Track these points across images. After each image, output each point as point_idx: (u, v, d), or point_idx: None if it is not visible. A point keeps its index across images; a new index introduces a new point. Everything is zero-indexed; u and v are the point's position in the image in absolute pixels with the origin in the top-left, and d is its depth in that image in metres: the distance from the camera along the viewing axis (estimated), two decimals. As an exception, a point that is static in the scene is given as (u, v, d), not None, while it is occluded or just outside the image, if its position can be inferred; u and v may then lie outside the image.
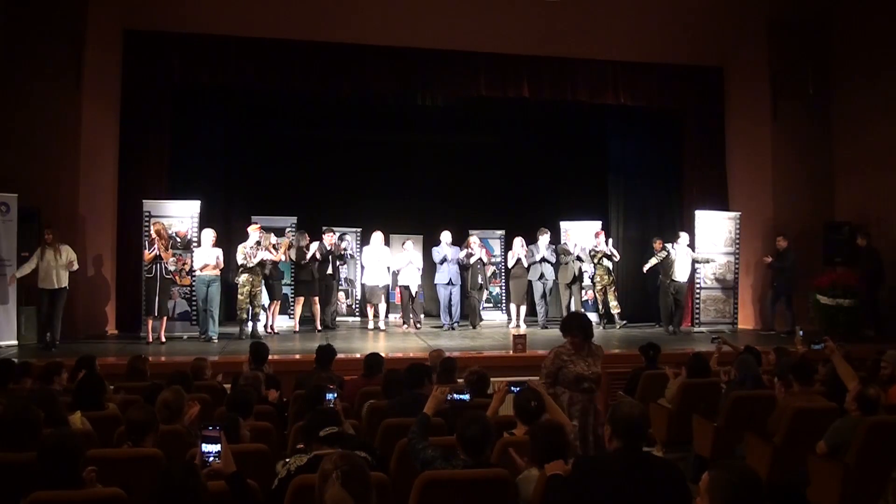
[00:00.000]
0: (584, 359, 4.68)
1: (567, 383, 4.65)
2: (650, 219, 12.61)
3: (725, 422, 5.34)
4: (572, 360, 4.67)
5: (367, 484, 2.36)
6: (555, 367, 4.70)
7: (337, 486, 2.31)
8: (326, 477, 2.35)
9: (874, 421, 4.27)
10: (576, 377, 4.63)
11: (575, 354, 4.70)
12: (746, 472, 2.40)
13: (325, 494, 2.33)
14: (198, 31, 10.48)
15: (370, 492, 2.36)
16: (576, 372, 4.64)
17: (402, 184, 12.52)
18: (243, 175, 12.20)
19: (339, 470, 2.34)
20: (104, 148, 10.13)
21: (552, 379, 4.69)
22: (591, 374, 4.68)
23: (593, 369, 4.70)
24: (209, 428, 2.95)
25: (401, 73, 11.19)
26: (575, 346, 4.72)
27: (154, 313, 9.13)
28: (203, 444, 2.91)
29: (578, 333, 4.72)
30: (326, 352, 6.23)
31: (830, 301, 9.82)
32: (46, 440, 3.02)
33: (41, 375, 5.53)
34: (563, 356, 4.70)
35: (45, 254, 8.68)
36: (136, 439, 3.60)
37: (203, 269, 9.41)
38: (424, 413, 3.85)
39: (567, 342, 4.76)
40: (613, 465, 2.90)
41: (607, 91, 11.69)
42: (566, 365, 4.67)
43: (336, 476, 2.32)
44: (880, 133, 10.51)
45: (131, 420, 3.67)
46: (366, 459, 3.33)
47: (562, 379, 4.67)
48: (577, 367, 4.65)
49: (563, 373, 4.67)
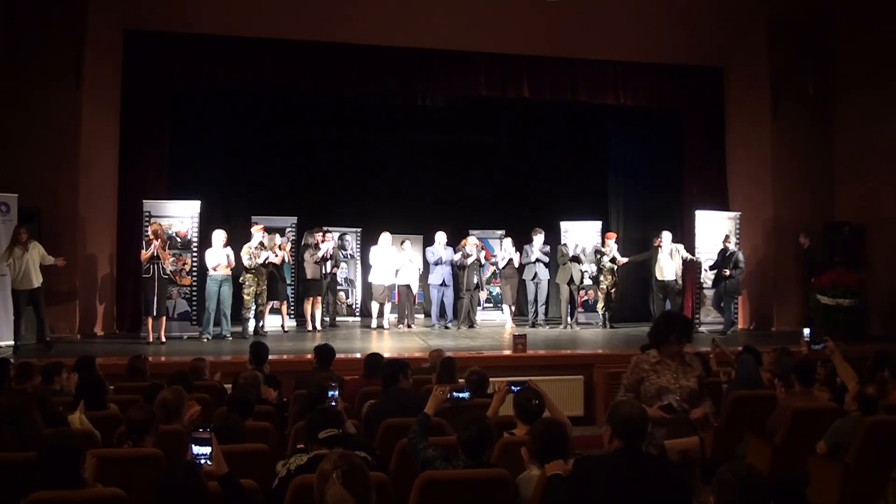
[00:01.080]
0: (671, 370, 3.84)
1: (649, 400, 3.76)
2: (650, 219, 12.62)
3: (725, 422, 5.33)
4: (655, 369, 3.85)
5: (367, 484, 2.36)
6: (634, 377, 3.89)
7: (337, 485, 2.31)
8: (326, 477, 2.35)
9: (874, 421, 4.27)
10: (658, 391, 3.79)
11: (660, 364, 3.86)
12: (752, 471, 2.41)
13: (325, 495, 2.33)
14: (198, 31, 10.48)
15: (370, 491, 2.37)
16: (658, 384, 3.80)
17: (402, 184, 12.52)
18: (243, 175, 12.20)
19: (339, 470, 2.34)
20: (104, 148, 10.13)
21: (633, 393, 3.88)
22: (678, 388, 3.79)
23: (682, 382, 3.81)
24: (199, 430, 2.95)
25: (401, 73, 11.20)
26: (665, 353, 3.87)
27: (153, 313, 9.09)
28: (194, 445, 2.90)
29: (679, 338, 3.86)
30: (326, 351, 6.22)
31: (830, 301, 9.83)
32: (47, 440, 3.02)
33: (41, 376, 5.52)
34: (644, 365, 3.88)
35: (24, 253, 8.36)
36: (137, 439, 3.60)
37: (216, 269, 9.48)
38: (425, 413, 3.85)
39: (650, 351, 3.96)
40: (614, 466, 2.91)
41: (607, 91, 11.71)
42: (647, 376, 3.83)
43: (336, 476, 2.32)
44: (880, 133, 10.51)
45: (131, 420, 3.67)
46: (365, 459, 3.34)
47: (643, 394, 3.83)
48: (661, 378, 3.82)
49: (645, 387, 3.83)
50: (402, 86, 11.43)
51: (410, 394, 4.77)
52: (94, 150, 9.88)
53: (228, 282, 9.60)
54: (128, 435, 3.67)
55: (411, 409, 4.11)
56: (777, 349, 6.73)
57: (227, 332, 9.59)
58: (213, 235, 9.67)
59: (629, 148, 13.02)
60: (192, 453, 2.87)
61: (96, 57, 9.84)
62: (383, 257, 10.86)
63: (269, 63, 10.80)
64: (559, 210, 12.25)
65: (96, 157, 9.95)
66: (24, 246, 8.40)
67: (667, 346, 3.86)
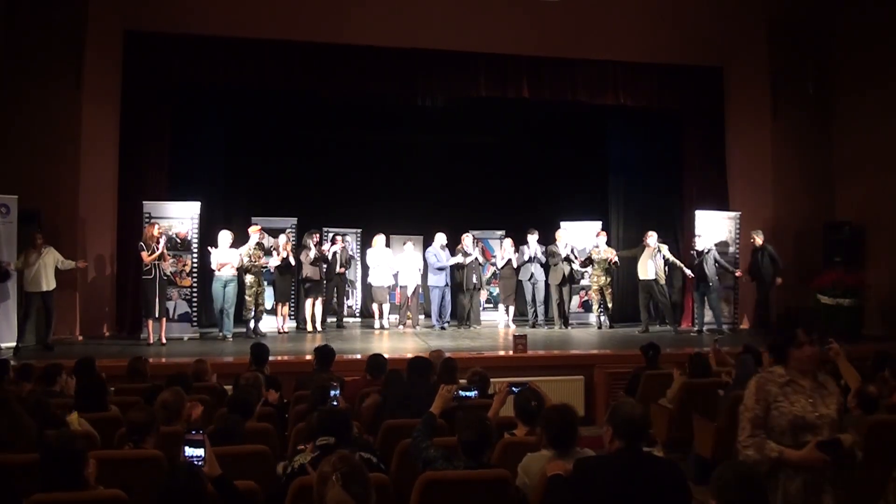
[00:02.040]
0: (805, 393, 2.99)
1: (780, 434, 2.94)
2: (650, 219, 12.59)
3: (725, 421, 5.33)
4: (785, 392, 3.00)
5: (366, 485, 2.37)
6: (761, 406, 3.00)
7: (337, 487, 2.32)
8: (326, 479, 2.36)
9: (874, 420, 4.27)
10: (792, 423, 2.96)
11: (790, 384, 3.01)
12: (751, 471, 2.41)
13: (325, 497, 2.34)
14: (198, 32, 10.47)
15: (370, 493, 2.37)
16: (793, 413, 2.96)
17: (402, 184, 12.51)
18: (243, 175, 12.20)
19: (338, 472, 2.35)
20: (104, 149, 10.13)
21: (760, 428, 2.99)
22: (817, 417, 2.97)
23: (822, 410, 2.98)
24: (192, 432, 2.95)
25: (401, 74, 11.20)
26: (797, 368, 3.02)
27: (154, 315, 9.11)
28: (187, 447, 2.90)
29: (810, 334, 3.00)
30: (326, 352, 6.23)
31: (831, 301, 9.84)
32: (49, 442, 3.02)
33: (41, 377, 5.52)
34: (771, 387, 3.02)
35: (39, 257, 8.67)
36: (137, 440, 3.60)
37: (220, 269, 9.49)
38: (431, 412, 3.85)
39: (777, 366, 3.12)
40: (614, 466, 2.90)
41: (607, 91, 11.70)
42: (777, 403, 2.99)
43: (336, 478, 2.33)
44: (880, 133, 10.51)
45: (132, 421, 3.68)
46: (369, 461, 3.35)
47: (772, 426, 2.98)
48: (794, 405, 2.97)
49: (773, 416, 2.99)
50: (402, 86, 11.43)
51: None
52: (94, 151, 9.88)
53: (234, 283, 9.62)
54: (128, 436, 3.68)
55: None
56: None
57: (228, 333, 9.57)
58: (219, 236, 9.66)
59: (629, 148, 13.01)
60: (185, 455, 2.86)
61: (96, 58, 9.84)
62: (380, 259, 10.90)
63: (269, 64, 10.79)
64: (559, 210, 12.24)
65: (96, 158, 9.95)
66: (39, 250, 8.68)
67: (798, 353, 2.99)
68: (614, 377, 7.73)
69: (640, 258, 10.59)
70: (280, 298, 10.46)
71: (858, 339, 9.26)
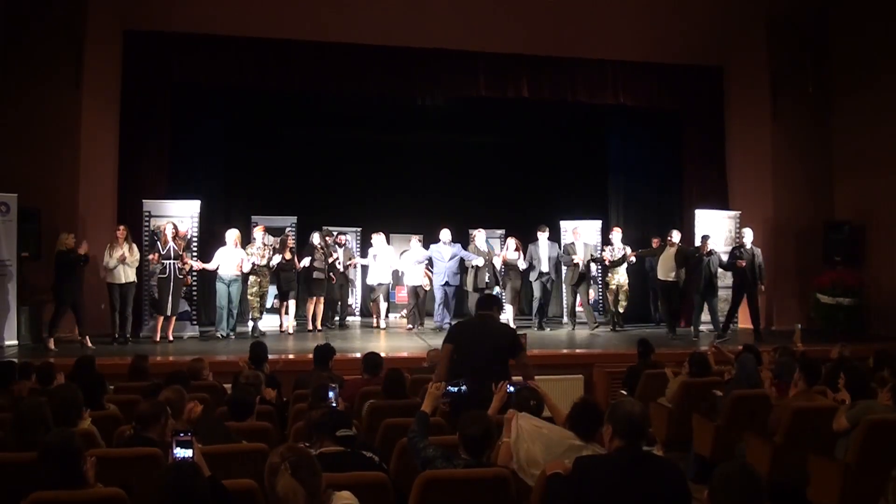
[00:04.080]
0: None
1: None
2: (650, 218, 12.59)
3: (725, 421, 5.34)
4: None
5: (316, 472, 2.47)
6: None
7: (286, 475, 2.41)
8: (275, 470, 2.45)
9: (874, 420, 4.27)
10: None
11: None
12: (749, 471, 2.41)
13: (276, 486, 2.43)
14: (197, 31, 10.48)
15: (319, 481, 2.47)
16: None
17: (402, 184, 12.51)
18: (243, 175, 12.21)
19: (286, 462, 2.45)
20: (104, 147, 10.13)
21: None
22: None
23: None
24: (181, 433, 2.94)
25: (401, 73, 11.20)
26: None
27: (166, 313, 9.20)
28: (176, 448, 2.89)
29: None
30: (324, 351, 6.23)
31: (830, 300, 9.83)
32: (49, 440, 3.03)
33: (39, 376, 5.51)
34: None
35: (119, 251, 8.89)
36: (139, 429, 3.68)
37: (221, 269, 9.43)
38: (423, 411, 3.85)
39: None
40: (614, 465, 2.90)
41: (607, 91, 11.70)
42: None
43: (285, 467, 2.43)
44: (880, 132, 10.52)
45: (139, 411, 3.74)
46: (370, 459, 3.35)
47: None
48: None
49: None
50: (402, 85, 11.42)
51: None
52: (93, 149, 9.87)
53: (237, 282, 9.52)
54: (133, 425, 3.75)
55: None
56: (777, 348, 6.74)
57: (229, 332, 9.48)
58: (226, 235, 9.62)
59: (629, 147, 13.01)
60: (175, 456, 2.86)
61: (96, 56, 9.84)
62: (380, 257, 10.79)
63: (268, 62, 10.80)
64: (559, 209, 12.24)
65: (96, 157, 9.95)
66: (121, 244, 8.96)
67: None
68: (614, 376, 7.73)
69: (660, 258, 10.04)
70: (283, 297, 10.25)
71: (858, 338, 9.25)
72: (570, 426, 3.50)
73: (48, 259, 9.09)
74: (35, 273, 8.99)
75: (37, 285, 9.01)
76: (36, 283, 8.94)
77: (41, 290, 9.04)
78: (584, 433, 3.42)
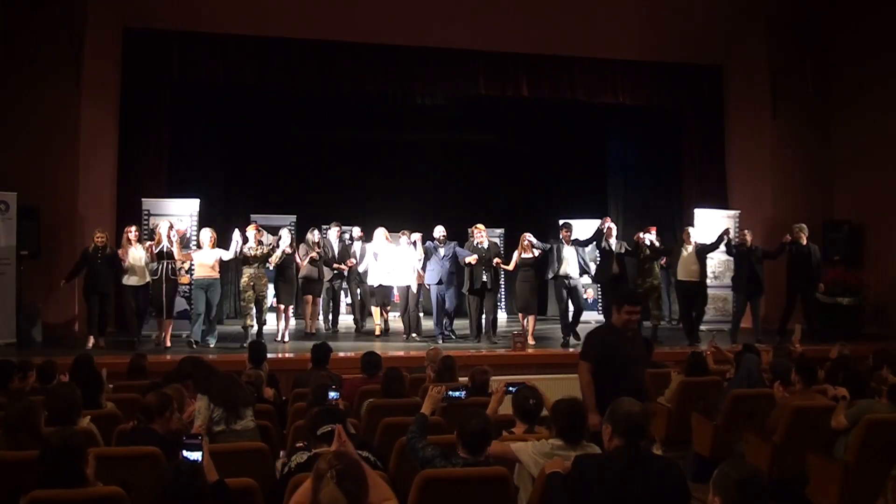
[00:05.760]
0: None
1: None
2: (650, 217, 12.54)
3: (725, 420, 5.34)
4: None
5: (362, 483, 2.39)
6: None
7: (331, 485, 2.33)
8: (321, 476, 2.37)
9: (873, 419, 4.27)
10: None
11: None
12: (752, 470, 2.41)
13: (319, 492, 2.35)
14: (197, 30, 10.48)
15: (365, 491, 2.38)
16: None
17: (402, 182, 12.48)
18: (243, 173, 12.19)
19: (333, 469, 2.36)
20: (103, 146, 10.12)
21: None
22: None
23: None
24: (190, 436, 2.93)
25: (400, 72, 11.20)
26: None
27: (163, 315, 8.66)
28: (185, 451, 2.88)
29: None
30: (322, 350, 6.22)
31: (829, 299, 9.83)
32: (50, 439, 3.02)
33: (39, 375, 5.51)
34: None
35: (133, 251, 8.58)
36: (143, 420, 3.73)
37: (199, 272, 8.74)
38: (422, 413, 3.85)
39: None
40: (613, 464, 2.90)
41: (606, 90, 11.70)
42: None
43: (331, 475, 2.35)
44: (880, 131, 10.52)
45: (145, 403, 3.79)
46: (367, 459, 3.34)
47: None
48: None
49: None
50: (402, 84, 11.42)
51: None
52: (93, 148, 9.87)
53: (214, 287, 8.77)
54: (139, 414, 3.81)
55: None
56: (774, 348, 6.74)
57: (211, 340, 8.82)
58: (200, 235, 9.01)
59: (628, 146, 13.01)
60: (184, 458, 2.85)
61: (95, 55, 9.83)
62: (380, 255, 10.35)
63: (268, 61, 10.79)
64: (558, 209, 12.22)
65: (95, 155, 9.94)
66: (134, 244, 8.65)
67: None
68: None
69: (679, 258, 9.37)
70: (284, 301, 9.51)
71: (857, 337, 9.25)
72: (556, 431, 3.44)
73: (47, 257, 9.09)
74: (34, 271, 8.97)
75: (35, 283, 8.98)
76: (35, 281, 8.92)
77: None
78: (570, 439, 3.39)
